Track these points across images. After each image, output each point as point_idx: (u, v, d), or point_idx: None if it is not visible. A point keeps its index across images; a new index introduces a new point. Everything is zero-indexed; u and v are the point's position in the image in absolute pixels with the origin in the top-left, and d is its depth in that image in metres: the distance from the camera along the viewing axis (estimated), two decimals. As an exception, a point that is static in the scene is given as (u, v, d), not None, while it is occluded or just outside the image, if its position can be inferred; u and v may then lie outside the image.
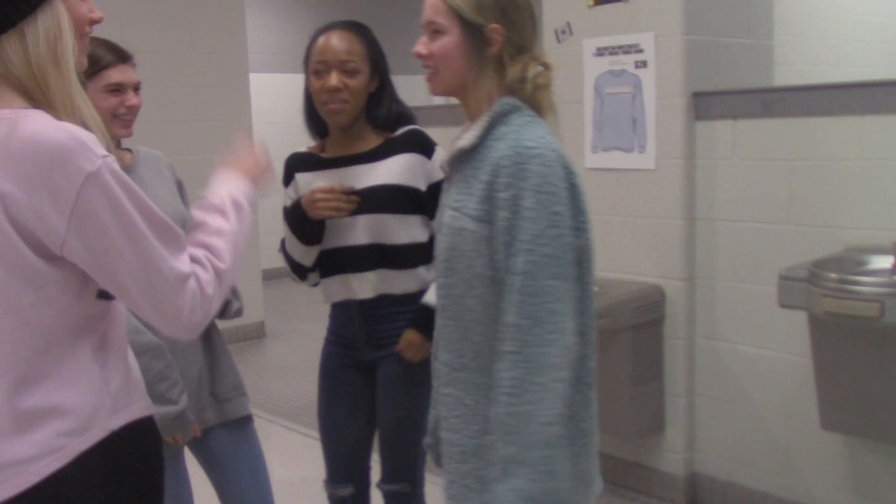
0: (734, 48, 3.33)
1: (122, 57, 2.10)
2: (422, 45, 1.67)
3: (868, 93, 2.83)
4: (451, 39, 1.63)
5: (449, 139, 1.73)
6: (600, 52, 3.36)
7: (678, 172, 3.22)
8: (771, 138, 3.04)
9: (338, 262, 2.25)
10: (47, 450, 1.29)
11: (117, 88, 2.07)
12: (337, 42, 2.22)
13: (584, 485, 1.63)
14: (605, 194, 3.39)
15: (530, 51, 1.66)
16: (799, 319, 2.84)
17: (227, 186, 1.52)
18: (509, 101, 1.62)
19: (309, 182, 2.27)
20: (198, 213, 1.47)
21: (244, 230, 1.48)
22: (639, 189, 3.33)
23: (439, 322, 1.72)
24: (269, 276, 6.73)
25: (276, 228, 2.49)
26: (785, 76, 3.97)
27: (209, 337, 2.25)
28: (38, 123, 1.24)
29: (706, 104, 3.18)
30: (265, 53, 8.45)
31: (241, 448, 2.31)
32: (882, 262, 2.61)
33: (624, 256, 3.39)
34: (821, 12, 5.17)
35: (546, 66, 1.66)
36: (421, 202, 2.21)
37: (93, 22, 1.40)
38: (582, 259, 1.58)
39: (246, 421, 2.32)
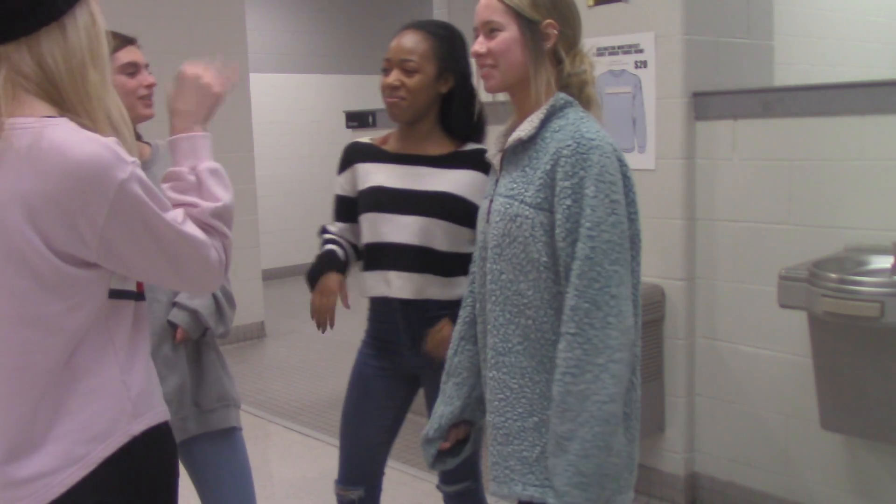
0: (734, 48, 3.33)
1: (127, 39, 2.14)
2: (479, 45, 1.73)
3: (868, 93, 2.83)
4: (509, 35, 1.70)
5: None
6: (600, 52, 3.36)
7: (678, 172, 3.22)
8: (771, 138, 3.04)
9: (383, 257, 2.22)
10: (71, 459, 1.28)
11: (132, 70, 2.11)
12: (403, 41, 2.22)
13: (629, 469, 1.69)
14: (605, 194, 3.39)
15: (576, 48, 1.74)
16: (799, 319, 2.84)
17: (189, 162, 1.47)
18: (564, 95, 1.69)
19: (369, 172, 2.26)
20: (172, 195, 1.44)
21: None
22: (639, 189, 3.32)
23: (486, 307, 1.77)
24: (269, 276, 6.73)
25: (277, 228, 2.49)
26: (785, 76, 3.97)
27: (198, 349, 2.25)
28: (65, 133, 1.23)
29: (706, 104, 3.18)
30: (265, 53, 8.45)
31: (224, 458, 2.31)
32: (882, 262, 2.60)
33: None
34: (821, 12, 5.17)
35: (588, 61, 1.76)
36: (474, 219, 2.15)
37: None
38: (632, 247, 1.66)
39: (231, 432, 2.32)
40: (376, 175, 2.24)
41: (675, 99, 3.19)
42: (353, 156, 2.32)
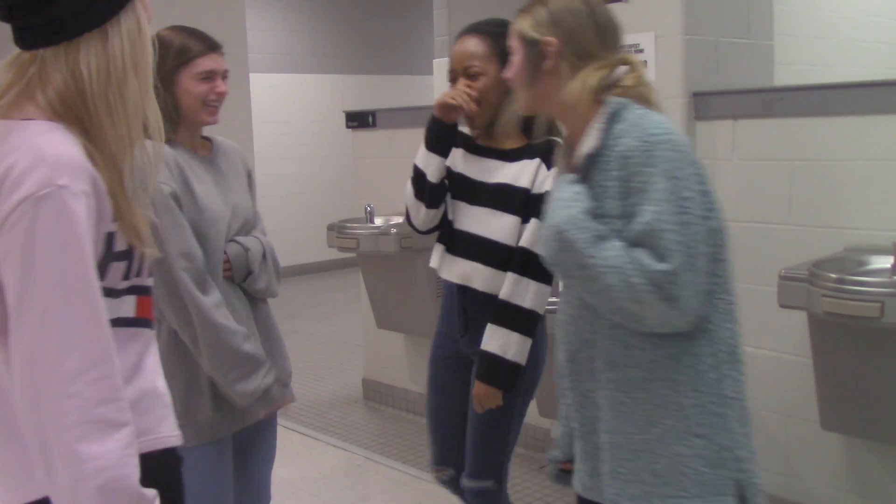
0: (734, 48, 3.33)
1: (212, 46, 2.18)
2: (506, 69, 1.79)
3: (868, 93, 2.83)
4: (517, 59, 1.73)
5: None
6: (600, 52, 3.36)
7: (678, 172, 3.21)
8: (771, 138, 3.04)
9: (450, 240, 2.38)
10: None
11: (209, 76, 2.13)
12: (462, 48, 2.31)
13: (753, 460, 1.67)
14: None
15: (596, 58, 1.68)
16: (799, 319, 2.84)
17: None
18: (616, 99, 1.64)
19: (456, 158, 2.39)
20: None
21: None
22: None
23: (580, 326, 1.71)
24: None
25: (277, 228, 2.50)
26: (785, 76, 3.97)
27: (266, 325, 2.28)
28: (26, 131, 1.18)
29: (706, 104, 3.18)
30: (265, 53, 8.45)
31: (272, 436, 2.38)
32: (882, 262, 2.61)
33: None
34: (821, 12, 5.17)
35: (630, 64, 1.70)
36: (524, 205, 2.26)
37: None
38: (716, 239, 1.61)
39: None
40: (460, 162, 2.38)
41: (675, 99, 3.19)
42: (453, 139, 2.42)
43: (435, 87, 6.68)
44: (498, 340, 2.24)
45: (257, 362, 2.13)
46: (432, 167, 2.33)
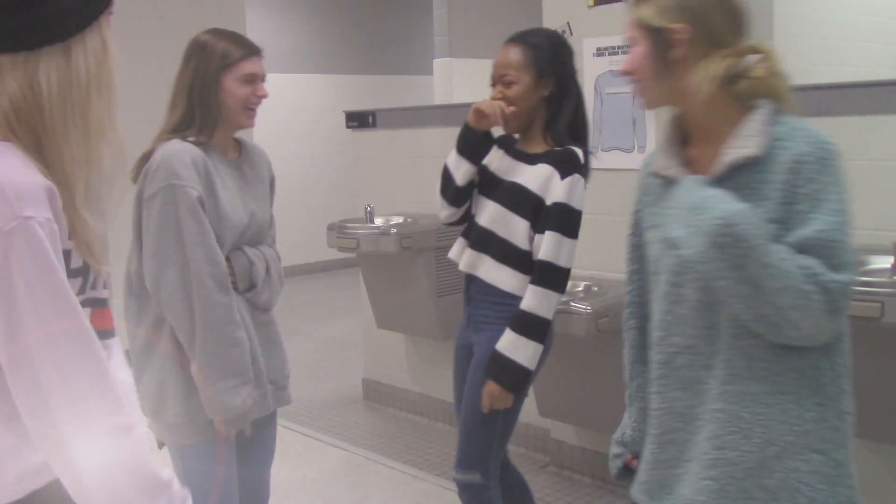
0: (734, 48, 3.32)
1: (254, 49, 2.23)
2: (622, 62, 1.68)
3: (869, 93, 2.82)
4: (639, 50, 1.62)
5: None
6: (600, 52, 3.36)
7: (678, 172, 3.21)
8: (771, 138, 3.03)
9: (469, 230, 2.50)
10: None
11: (251, 79, 2.18)
12: (501, 56, 2.41)
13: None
14: (604, 194, 3.38)
15: (728, 45, 1.57)
16: (799, 319, 2.84)
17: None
18: (765, 101, 1.58)
19: (492, 155, 2.49)
20: None
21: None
22: (639, 189, 3.33)
23: (687, 331, 1.63)
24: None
25: (277, 228, 2.50)
26: (785, 76, 3.96)
27: (266, 327, 2.29)
28: None
29: (706, 104, 3.17)
30: (265, 53, 8.45)
31: (268, 430, 2.39)
32: (882, 262, 2.60)
33: (624, 256, 3.39)
34: (821, 12, 5.17)
35: (762, 53, 1.60)
36: (535, 211, 2.34)
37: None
38: None
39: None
40: (496, 161, 2.48)
41: (675, 99, 3.18)
42: (496, 140, 2.52)
43: (435, 87, 6.70)
44: (516, 346, 2.31)
45: (247, 379, 2.14)
46: (461, 171, 2.44)
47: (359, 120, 4.74)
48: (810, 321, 1.48)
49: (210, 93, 2.12)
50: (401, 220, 4.19)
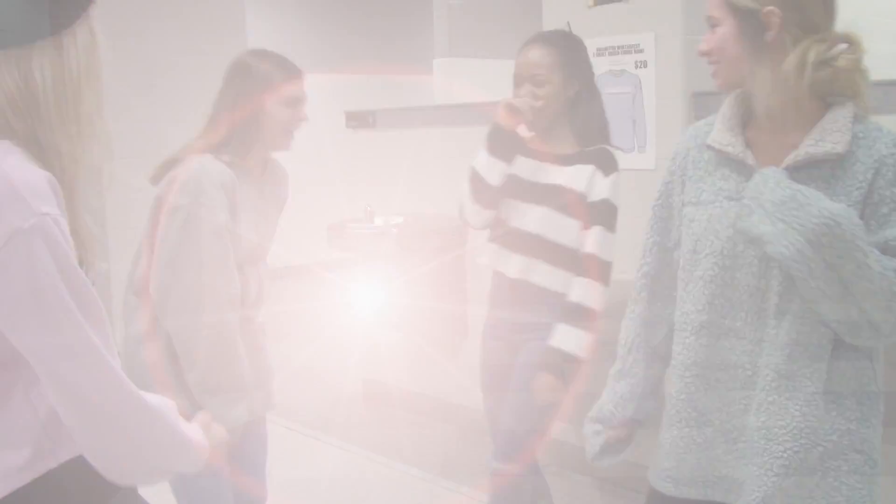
0: (734, 48, 3.33)
1: (295, 72, 2.18)
2: (703, 41, 1.64)
3: (869, 93, 2.81)
4: (725, 30, 1.59)
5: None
6: (600, 52, 3.36)
7: (678, 172, 3.21)
8: (771, 138, 3.03)
9: (507, 236, 2.47)
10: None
11: (293, 102, 2.15)
12: (530, 56, 2.42)
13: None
14: (605, 194, 3.39)
15: (820, 31, 1.53)
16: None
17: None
18: (844, 98, 1.57)
19: (515, 163, 2.48)
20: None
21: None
22: (639, 189, 3.32)
23: (740, 318, 1.61)
24: (268, 275, 6.72)
25: (278, 227, 2.51)
26: (785, 76, 3.97)
27: (254, 335, 2.31)
28: None
29: (706, 104, 3.17)
30: (265, 53, 8.45)
31: (258, 429, 2.42)
32: (882, 262, 2.60)
33: (624, 256, 3.39)
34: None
35: (852, 44, 1.56)
36: (582, 209, 2.38)
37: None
38: None
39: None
40: (516, 166, 2.45)
41: (676, 99, 3.19)
42: (516, 145, 2.50)
43: (435, 86, 6.69)
44: (572, 339, 2.35)
45: (244, 394, 2.16)
46: (495, 172, 2.42)
47: (359, 120, 4.75)
48: (892, 324, 1.46)
49: (251, 115, 2.10)
50: (401, 220, 4.19)
